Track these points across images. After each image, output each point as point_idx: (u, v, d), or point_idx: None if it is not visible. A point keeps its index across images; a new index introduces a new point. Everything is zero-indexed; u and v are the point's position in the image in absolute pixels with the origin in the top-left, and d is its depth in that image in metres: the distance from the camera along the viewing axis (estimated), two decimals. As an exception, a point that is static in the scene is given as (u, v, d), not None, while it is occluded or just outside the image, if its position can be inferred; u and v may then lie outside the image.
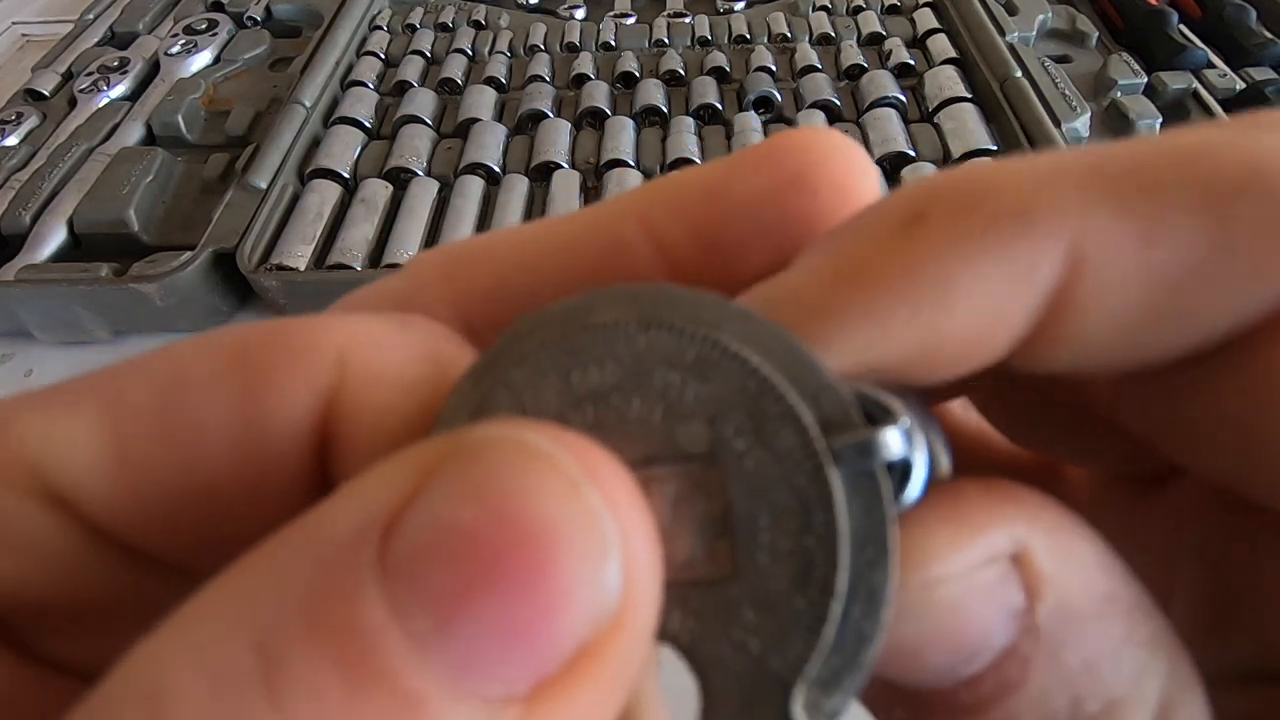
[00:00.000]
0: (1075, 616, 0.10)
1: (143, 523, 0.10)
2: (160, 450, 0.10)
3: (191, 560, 0.11)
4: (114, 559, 0.11)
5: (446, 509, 0.08)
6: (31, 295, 0.48)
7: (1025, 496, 0.10)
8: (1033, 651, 0.10)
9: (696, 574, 0.10)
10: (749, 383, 0.10)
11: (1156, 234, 0.09)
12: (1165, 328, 0.10)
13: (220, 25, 0.70)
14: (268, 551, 0.08)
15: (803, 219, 0.12)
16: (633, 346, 0.10)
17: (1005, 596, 0.10)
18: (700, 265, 0.12)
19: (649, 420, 0.10)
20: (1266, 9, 0.63)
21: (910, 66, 0.62)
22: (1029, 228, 0.09)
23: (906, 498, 0.10)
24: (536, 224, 0.13)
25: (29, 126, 0.60)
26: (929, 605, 0.10)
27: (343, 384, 0.10)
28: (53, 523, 0.10)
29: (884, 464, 0.09)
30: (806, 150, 0.12)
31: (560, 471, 0.08)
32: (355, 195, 0.53)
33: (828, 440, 0.09)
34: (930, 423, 0.10)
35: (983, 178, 0.10)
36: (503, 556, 0.08)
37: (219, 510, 0.11)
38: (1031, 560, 0.10)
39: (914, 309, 0.10)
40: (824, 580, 0.09)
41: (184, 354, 0.11)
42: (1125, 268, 0.09)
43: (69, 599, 0.11)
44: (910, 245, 0.10)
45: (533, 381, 0.10)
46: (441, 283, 0.13)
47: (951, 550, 0.10)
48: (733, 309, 0.10)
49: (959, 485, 0.10)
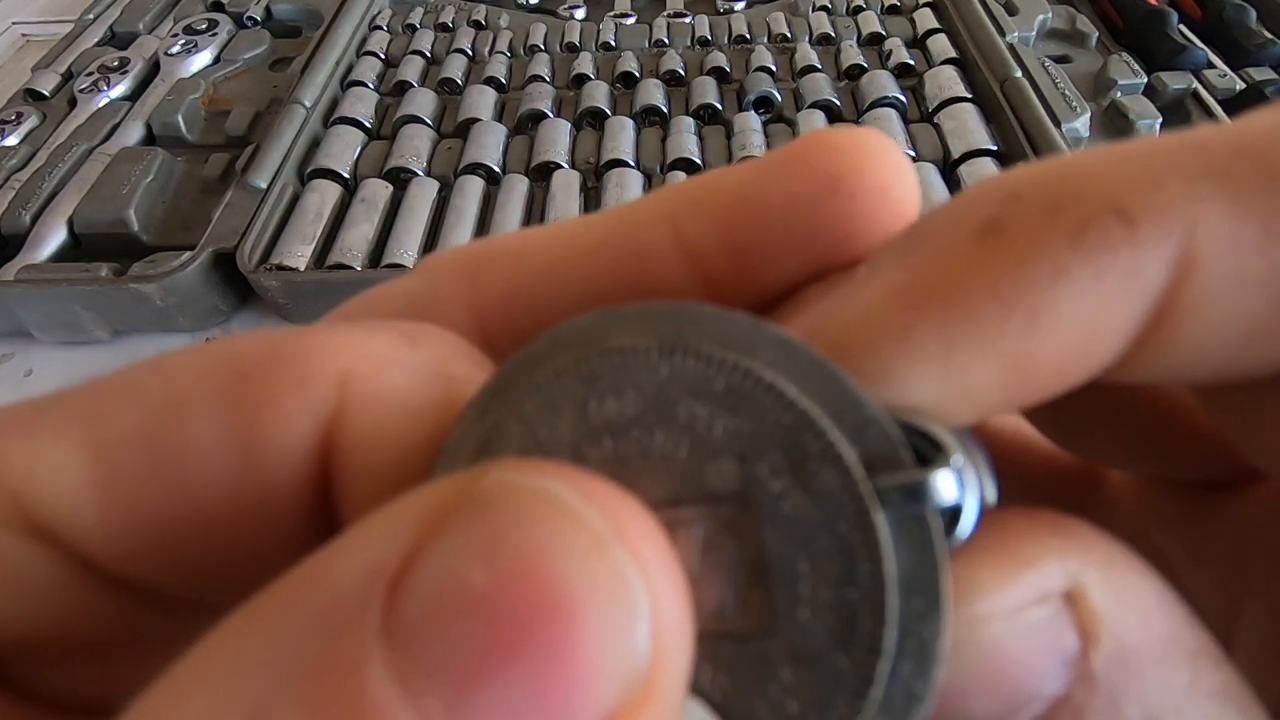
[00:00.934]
0: (1135, 662, 0.09)
1: (133, 555, 0.10)
2: (150, 480, 0.09)
3: (185, 591, 0.10)
4: (104, 592, 0.10)
5: (459, 566, 0.07)
6: (31, 295, 0.48)
7: (1077, 528, 0.09)
8: (1088, 701, 0.09)
9: (728, 625, 0.09)
10: (785, 417, 0.09)
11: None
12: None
13: (220, 25, 0.70)
14: (262, 609, 0.08)
15: (839, 225, 0.11)
16: (654, 375, 0.09)
17: (1057, 638, 0.09)
18: (730, 273, 0.12)
19: (674, 456, 0.09)
20: (1266, 9, 0.63)
21: (910, 66, 0.62)
22: (1130, 230, 0.08)
23: (954, 540, 0.09)
24: (558, 226, 0.13)
25: (29, 126, 0.60)
26: (972, 646, 0.09)
27: (344, 407, 0.10)
28: (38, 556, 0.10)
29: (936, 509, 0.09)
30: (842, 151, 0.11)
31: (585, 528, 0.07)
32: (355, 195, 0.53)
33: (873, 481, 0.09)
34: (976, 448, 0.09)
35: (1068, 172, 0.09)
36: (523, 626, 0.07)
37: (213, 540, 0.10)
38: (1086, 598, 0.09)
39: (1000, 334, 0.08)
40: (870, 637, 0.08)
41: (176, 372, 0.10)
42: (1244, 269, 0.08)
43: (57, 634, 0.10)
44: (990, 259, 0.09)
45: (546, 412, 0.09)
46: (458, 287, 0.12)
47: (997, 586, 0.09)
48: (766, 332, 0.09)
49: (1004, 514, 0.09)
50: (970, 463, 0.09)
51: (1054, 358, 0.08)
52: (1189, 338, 0.08)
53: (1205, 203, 0.08)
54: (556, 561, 0.07)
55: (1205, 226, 0.08)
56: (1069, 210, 0.08)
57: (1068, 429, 0.12)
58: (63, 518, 0.09)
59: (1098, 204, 0.08)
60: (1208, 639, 0.09)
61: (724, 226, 0.12)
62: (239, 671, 0.07)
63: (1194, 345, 0.09)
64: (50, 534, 0.10)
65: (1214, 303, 0.08)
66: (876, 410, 0.09)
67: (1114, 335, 0.08)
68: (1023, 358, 0.08)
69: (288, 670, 0.07)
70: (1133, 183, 0.08)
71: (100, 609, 0.10)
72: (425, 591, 0.07)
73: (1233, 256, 0.08)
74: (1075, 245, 0.08)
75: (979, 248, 0.09)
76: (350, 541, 0.08)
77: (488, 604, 0.07)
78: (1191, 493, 0.12)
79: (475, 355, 0.11)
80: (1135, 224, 0.08)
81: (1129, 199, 0.08)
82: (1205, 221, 0.08)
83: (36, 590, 0.10)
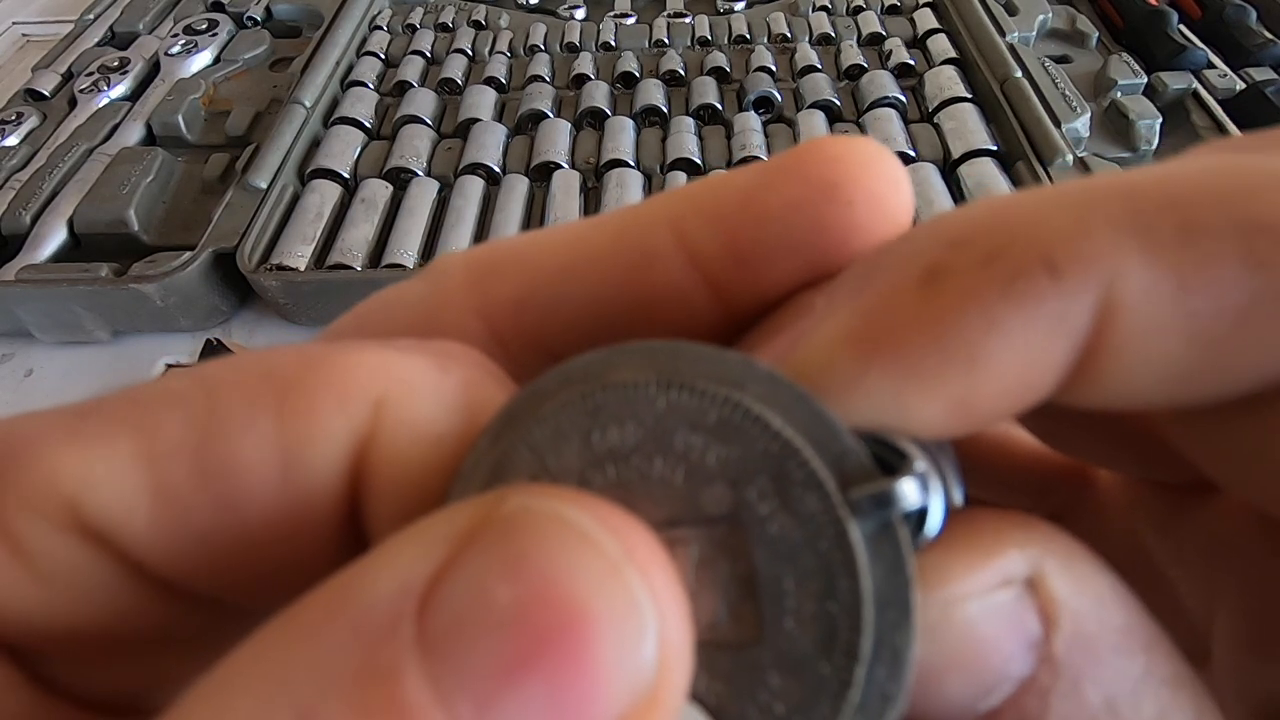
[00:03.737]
0: (1092, 648, 0.10)
1: (179, 560, 0.10)
2: (198, 487, 0.10)
3: (223, 594, 0.11)
4: (149, 594, 0.11)
5: (486, 583, 0.08)
6: (31, 295, 0.48)
7: (1038, 525, 0.10)
8: (1051, 683, 0.10)
9: (721, 636, 0.10)
10: (772, 446, 0.10)
11: (1195, 282, 0.09)
12: (1206, 375, 0.09)
13: (220, 25, 0.70)
14: (303, 619, 0.08)
15: (837, 231, 0.12)
16: (653, 407, 0.10)
17: (1020, 620, 0.10)
18: (731, 276, 0.12)
19: (671, 481, 0.10)
20: (1266, 9, 0.63)
21: (910, 66, 0.62)
22: (1056, 279, 0.09)
23: (923, 538, 0.10)
24: (565, 229, 0.13)
25: (29, 126, 0.60)
26: (947, 625, 0.10)
27: (377, 430, 0.10)
28: (92, 560, 0.10)
29: (901, 515, 0.09)
30: (839, 160, 0.12)
31: (600, 551, 0.08)
32: (355, 195, 0.53)
33: (846, 494, 0.09)
34: (944, 453, 0.10)
35: (1004, 220, 0.09)
36: (545, 638, 0.08)
37: (253, 549, 0.10)
38: (1046, 585, 0.10)
39: (939, 375, 0.09)
40: (848, 645, 0.09)
41: (219, 385, 0.10)
42: (1161, 316, 0.09)
43: (103, 633, 0.11)
44: (931, 305, 0.09)
45: (554, 441, 0.10)
46: (469, 292, 0.13)
47: (968, 571, 0.10)
48: (755, 368, 0.10)
49: (974, 513, 0.10)
50: (934, 468, 0.10)
51: (992, 395, 0.09)
52: (1117, 374, 0.09)
53: (1127, 254, 0.09)
54: (574, 581, 0.08)
55: (1126, 277, 0.09)
56: (1001, 260, 0.09)
57: (1055, 430, 0.13)
58: (117, 524, 0.10)
59: (1028, 254, 0.09)
60: (1160, 632, 0.10)
61: (726, 231, 0.12)
62: (285, 676, 0.08)
63: (1123, 380, 0.09)
64: (104, 539, 0.10)
65: (1137, 344, 0.09)
66: (851, 438, 0.10)
67: (1046, 373, 0.09)
68: (964, 395, 0.09)
69: (332, 676, 0.08)
70: (1062, 233, 0.09)
71: (145, 610, 0.11)
72: (455, 606, 0.08)
73: (1152, 305, 0.09)
74: (1005, 295, 0.09)
75: (921, 294, 0.09)
76: (382, 558, 0.09)
77: (512, 618, 0.08)
78: (1173, 494, 0.13)
79: (498, 375, 0.12)
80: (1061, 275, 0.09)
81: (1057, 249, 0.09)
82: (1126, 272, 0.09)
83: (88, 591, 0.10)
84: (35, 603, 0.10)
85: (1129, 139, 0.54)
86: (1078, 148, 0.53)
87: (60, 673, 0.11)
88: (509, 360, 0.13)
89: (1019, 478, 0.14)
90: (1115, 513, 0.12)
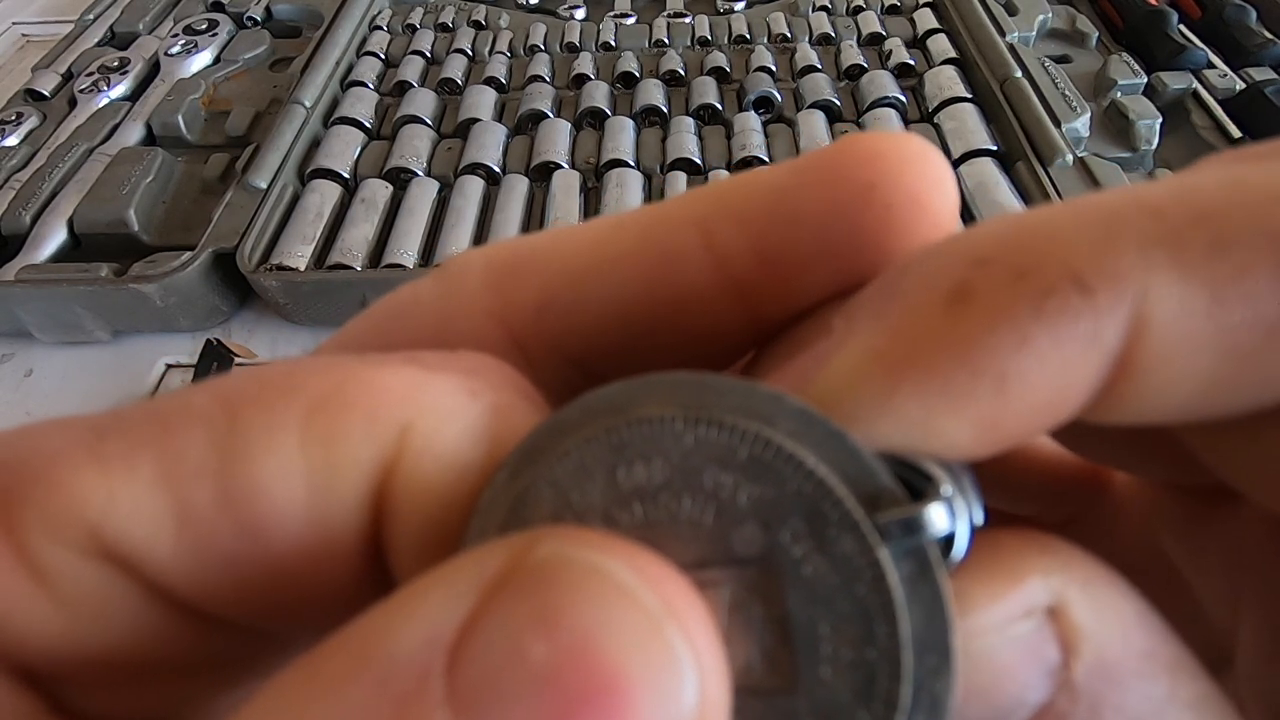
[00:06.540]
0: (1114, 674, 0.09)
1: (202, 583, 0.10)
2: (220, 512, 0.10)
3: (246, 619, 0.11)
4: (173, 618, 0.10)
5: (519, 638, 0.08)
6: (31, 295, 0.48)
7: (1061, 548, 0.10)
8: (1070, 709, 0.09)
9: (755, 682, 0.09)
10: (805, 485, 0.09)
11: (1228, 296, 0.08)
12: (1236, 388, 0.09)
13: (220, 25, 0.70)
14: (325, 670, 0.08)
15: (873, 236, 0.11)
16: (680, 443, 0.10)
17: (1040, 650, 0.09)
18: (760, 280, 0.12)
19: (701, 521, 0.09)
20: (1266, 9, 0.63)
21: (910, 66, 0.62)
22: (1087, 298, 0.09)
23: (950, 562, 0.10)
24: (588, 229, 0.12)
25: (29, 126, 0.60)
26: (965, 658, 0.09)
27: (401, 458, 0.10)
28: (116, 584, 0.10)
29: (934, 541, 0.09)
30: (876, 158, 0.11)
31: (639, 606, 0.08)
32: (355, 195, 0.53)
33: (873, 518, 0.09)
34: (963, 472, 0.10)
35: (1031, 237, 0.09)
36: (582, 699, 0.07)
37: (279, 570, 0.10)
38: (1068, 614, 0.09)
39: (969, 395, 0.09)
40: (888, 694, 0.09)
41: (242, 402, 0.10)
42: (1194, 331, 0.09)
43: (120, 657, 0.10)
44: (960, 324, 0.09)
45: (577, 477, 0.10)
46: (487, 295, 0.12)
47: (988, 602, 0.09)
48: (786, 403, 0.10)
49: (994, 535, 0.10)
50: (958, 490, 0.10)
51: (1021, 414, 0.09)
52: (1148, 390, 0.09)
53: (1158, 270, 0.09)
54: (613, 639, 0.08)
55: (1157, 292, 0.09)
56: (1031, 278, 0.09)
57: (1075, 434, 0.12)
58: (139, 549, 0.10)
59: (1058, 272, 0.09)
60: (1185, 653, 0.10)
61: (755, 233, 0.11)
62: None
63: (1154, 396, 0.09)
64: (127, 564, 0.10)
65: (1168, 360, 0.09)
66: (886, 475, 0.09)
67: (1077, 392, 0.09)
68: (993, 415, 0.09)
69: None
70: (1090, 249, 0.09)
71: (167, 635, 0.10)
72: (486, 662, 0.08)
73: (1184, 320, 0.09)
74: (1037, 314, 0.09)
75: (949, 313, 0.09)
76: (407, 606, 0.08)
77: (548, 677, 0.07)
78: (1195, 499, 0.12)
79: (528, 393, 0.11)
80: (1093, 293, 0.09)
81: (1087, 267, 0.09)
82: (1157, 288, 0.09)
83: (111, 617, 0.10)
84: (57, 629, 0.10)
85: (1129, 139, 0.54)
86: (1078, 148, 0.53)
87: (81, 699, 0.11)
88: (527, 365, 0.12)
89: (1035, 482, 0.13)
90: (1133, 516, 0.12)
